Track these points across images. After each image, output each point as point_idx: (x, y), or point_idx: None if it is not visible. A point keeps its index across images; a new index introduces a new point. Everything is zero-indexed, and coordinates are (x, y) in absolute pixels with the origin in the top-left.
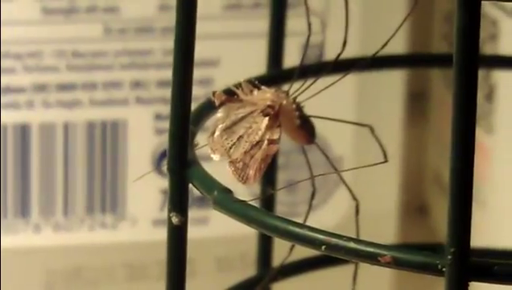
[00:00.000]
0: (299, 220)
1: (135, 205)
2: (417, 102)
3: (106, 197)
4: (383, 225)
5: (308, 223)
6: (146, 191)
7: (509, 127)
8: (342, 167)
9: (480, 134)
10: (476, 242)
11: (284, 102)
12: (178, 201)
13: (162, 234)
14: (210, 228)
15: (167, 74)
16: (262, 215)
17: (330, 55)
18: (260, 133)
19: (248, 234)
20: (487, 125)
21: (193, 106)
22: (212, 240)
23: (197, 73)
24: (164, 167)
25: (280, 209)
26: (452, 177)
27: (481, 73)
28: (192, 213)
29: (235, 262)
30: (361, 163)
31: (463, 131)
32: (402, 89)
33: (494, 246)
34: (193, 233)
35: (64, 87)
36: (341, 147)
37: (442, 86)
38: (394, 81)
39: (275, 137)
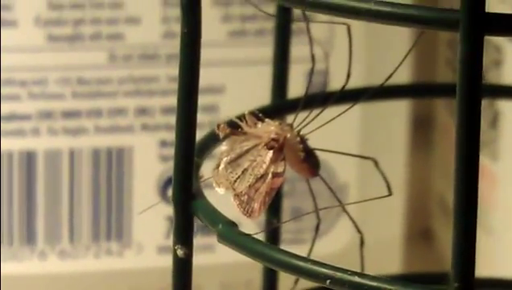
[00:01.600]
0: (305, 247)
1: (141, 232)
2: (422, 128)
3: (112, 224)
4: (388, 250)
5: (312, 252)
6: (151, 218)
7: None
8: (347, 195)
9: (485, 161)
10: (482, 268)
11: (288, 135)
12: (183, 234)
13: (167, 261)
14: (216, 255)
15: (172, 101)
16: (267, 249)
17: (335, 81)
18: (264, 166)
19: (253, 261)
20: (492, 151)
21: (197, 133)
22: (218, 267)
23: (202, 100)
24: (170, 195)
25: (285, 236)
26: (456, 212)
27: (485, 100)
28: (198, 241)
29: (240, 288)
30: (366, 190)
31: (466, 167)
32: (406, 115)
33: (500, 275)
34: (199, 259)
35: (70, 114)
36: (346, 174)
37: (446, 112)
38: (399, 107)
39: (280, 170)
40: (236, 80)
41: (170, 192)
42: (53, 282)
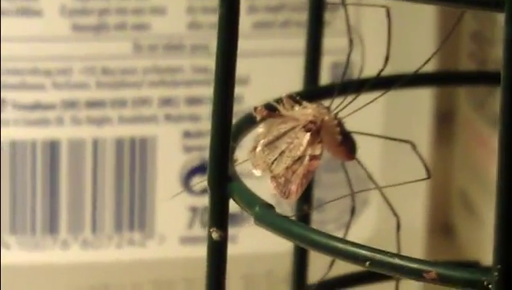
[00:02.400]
0: None
1: (163, 222)
2: (444, 123)
3: (134, 215)
4: (409, 244)
5: None
6: (174, 209)
7: None
8: (371, 186)
9: None
10: None
11: (326, 118)
12: (218, 217)
13: (190, 252)
14: (237, 245)
15: (197, 91)
16: (305, 230)
17: (358, 72)
18: (302, 148)
19: (275, 252)
20: None
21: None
22: (239, 257)
23: None
24: (193, 185)
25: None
26: (499, 192)
27: None
28: None
29: (262, 279)
30: (390, 180)
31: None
32: (429, 109)
33: None
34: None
35: (94, 104)
36: (371, 164)
37: (469, 107)
38: (422, 101)
39: (317, 153)
40: (261, 72)
41: (193, 182)
42: (75, 271)
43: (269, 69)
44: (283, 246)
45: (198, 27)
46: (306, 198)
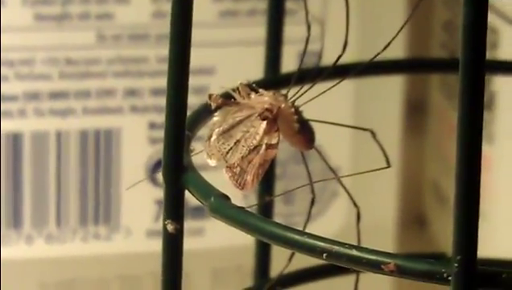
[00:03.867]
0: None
1: (129, 215)
2: (415, 113)
3: (100, 208)
4: (381, 236)
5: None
6: (140, 201)
7: (509, 136)
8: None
9: None
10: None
11: (282, 106)
12: (173, 208)
13: (156, 245)
14: (205, 239)
15: (162, 82)
16: (261, 222)
17: (327, 58)
18: (258, 137)
19: (243, 245)
20: (487, 134)
21: (188, 114)
22: (208, 252)
23: (192, 81)
24: (159, 177)
25: (276, 220)
26: (458, 182)
27: None
28: (187, 224)
29: (230, 273)
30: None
31: (469, 132)
32: (400, 99)
33: (496, 256)
34: (188, 244)
35: (57, 95)
36: (339, 157)
37: (440, 96)
38: (393, 92)
39: (274, 141)
40: (227, 61)
41: (159, 174)
42: (40, 266)
43: (235, 59)
44: (252, 239)
45: (163, 16)
46: (268, 188)
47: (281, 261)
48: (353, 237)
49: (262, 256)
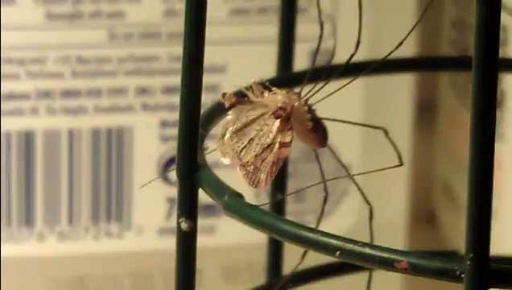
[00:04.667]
0: None
1: (141, 213)
2: (426, 112)
3: (112, 206)
4: (392, 234)
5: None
6: (152, 199)
7: None
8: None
9: None
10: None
11: (296, 104)
12: (187, 206)
13: (168, 243)
14: (217, 237)
15: (173, 80)
16: (275, 220)
17: (339, 57)
18: (271, 135)
19: (255, 242)
20: (497, 133)
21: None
22: (220, 249)
23: (204, 79)
24: (170, 175)
25: (288, 218)
26: (470, 180)
27: None
28: (199, 222)
29: (242, 271)
30: (370, 170)
31: (483, 130)
32: (411, 98)
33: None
34: (200, 242)
35: (69, 93)
36: (350, 154)
37: (451, 96)
38: (403, 91)
39: (287, 140)
40: (238, 59)
41: (171, 172)
42: (52, 264)
43: (246, 57)
44: (263, 237)
45: (174, 15)
46: (280, 187)
47: (293, 259)
48: (365, 234)
49: (275, 254)
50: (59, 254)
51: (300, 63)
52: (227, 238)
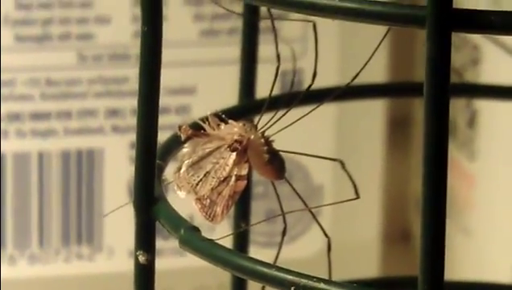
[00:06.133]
0: (276, 250)
1: (112, 235)
2: (399, 128)
3: (82, 228)
4: (366, 251)
5: (286, 254)
6: (122, 221)
7: (491, 153)
8: (322, 196)
9: (462, 161)
10: (460, 269)
11: (252, 137)
12: (144, 240)
13: None
14: (187, 258)
15: None
16: (229, 255)
17: (309, 80)
18: (227, 169)
19: None
20: (470, 151)
21: (168, 135)
22: (189, 270)
23: (174, 101)
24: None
25: (258, 239)
26: (424, 213)
27: (462, 99)
28: (169, 243)
29: None
30: (341, 192)
31: (434, 173)
32: (383, 114)
33: (477, 276)
34: (170, 263)
35: (38, 116)
36: (321, 175)
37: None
38: (376, 107)
39: (243, 173)
40: (208, 81)
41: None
42: (23, 287)
43: (216, 78)
44: None
45: None
46: (244, 214)
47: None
48: (336, 256)
49: (239, 278)
50: (30, 276)
51: (267, 84)
52: (197, 259)
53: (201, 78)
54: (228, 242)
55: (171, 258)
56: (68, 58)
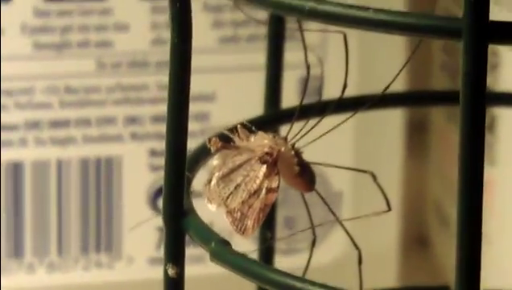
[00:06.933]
0: (299, 257)
1: (131, 243)
2: (417, 134)
3: (101, 236)
4: (384, 260)
5: (304, 262)
6: (142, 229)
7: (511, 158)
8: (341, 203)
9: None
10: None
11: (282, 149)
12: (174, 252)
13: (158, 273)
14: (209, 266)
15: (162, 109)
16: (261, 269)
17: (329, 88)
18: (258, 181)
19: None
20: (489, 157)
21: (189, 142)
22: (211, 277)
23: (193, 108)
24: (160, 205)
25: (279, 246)
26: (459, 226)
27: None
28: (191, 251)
29: None
30: (360, 199)
31: (470, 184)
32: (401, 120)
33: (497, 284)
34: (192, 270)
35: (57, 124)
36: (340, 182)
37: (442, 118)
38: (394, 114)
39: (274, 185)
40: (227, 88)
41: (160, 202)
42: None
43: (236, 85)
44: None
45: (162, 43)
46: (269, 224)
47: None
48: (355, 264)
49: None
50: (48, 285)
51: (290, 90)
52: (217, 267)
53: (220, 85)
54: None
55: (191, 266)
56: (87, 66)
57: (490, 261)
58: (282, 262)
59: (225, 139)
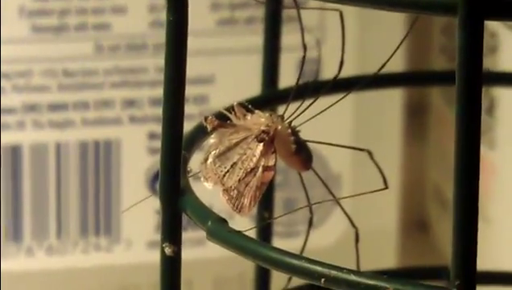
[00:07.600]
0: (298, 240)
1: (130, 226)
2: (416, 116)
3: (100, 219)
4: (384, 241)
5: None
6: (140, 212)
7: (511, 141)
8: (340, 185)
9: (482, 150)
10: (480, 259)
11: (279, 127)
12: (171, 231)
13: (157, 256)
14: (208, 248)
15: (161, 92)
16: (259, 247)
17: (327, 69)
18: (255, 159)
19: None
20: (489, 140)
21: (187, 125)
22: (210, 261)
23: (191, 91)
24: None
25: (278, 229)
26: (456, 207)
27: None
28: (189, 234)
29: (232, 282)
30: (359, 181)
31: (466, 162)
32: (400, 102)
33: (498, 265)
34: (190, 253)
35: (56, 107)
36: (339, 164)
37: (441, 100)
38: (393, 95)
39: (271, 163)
40: (226, 70)
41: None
42: (41, 278)
43: (234, 67)
44: None
45: (160, 26)
46: (267, 204)
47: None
48: (352, 247)
49: (262, 269)
50: (47, 268)
51: (288, 72)
52: (217, 250)
53: (219, 67)
54: (251, 232)
55: (190, 249)
56: (85, 48)
57: (490, 242)
58: (281, 245)
59: (222, 118)
